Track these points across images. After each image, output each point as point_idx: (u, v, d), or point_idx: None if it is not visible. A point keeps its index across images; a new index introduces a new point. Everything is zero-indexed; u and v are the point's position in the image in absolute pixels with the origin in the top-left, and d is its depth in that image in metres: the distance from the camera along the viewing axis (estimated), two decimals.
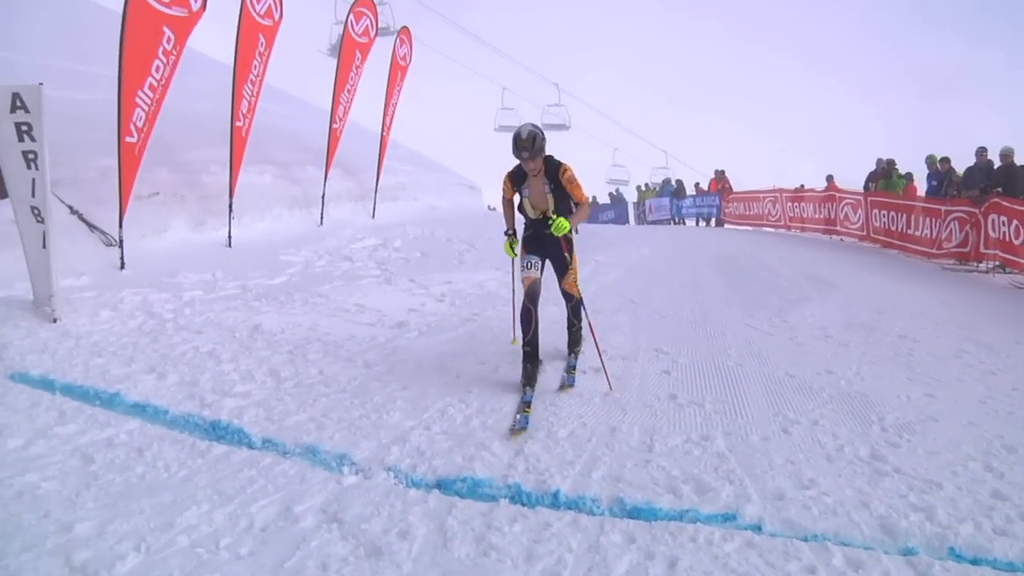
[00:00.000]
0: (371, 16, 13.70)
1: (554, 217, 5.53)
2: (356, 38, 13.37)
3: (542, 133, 5.53)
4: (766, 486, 4.20)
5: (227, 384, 5.34)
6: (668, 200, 27.02)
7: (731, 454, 4.63)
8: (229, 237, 10.27)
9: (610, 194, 32.32)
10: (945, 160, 15.83)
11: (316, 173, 13.27)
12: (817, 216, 20.04)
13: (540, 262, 5.83)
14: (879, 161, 18.41)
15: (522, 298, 5.67)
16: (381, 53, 14.45)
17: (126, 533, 3.33)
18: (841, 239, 18.84)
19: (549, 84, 32.07)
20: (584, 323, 6.13)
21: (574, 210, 5.74)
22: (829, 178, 20.11)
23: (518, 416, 5.00)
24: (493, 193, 23.23)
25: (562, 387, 5.70)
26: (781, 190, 21.85)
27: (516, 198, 5.96)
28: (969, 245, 13.95)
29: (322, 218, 12.80)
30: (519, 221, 6.01)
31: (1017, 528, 3.89)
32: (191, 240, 10.04)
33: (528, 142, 5.40)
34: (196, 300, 7.46)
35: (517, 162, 5.64)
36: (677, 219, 26.69)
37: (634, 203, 30.15)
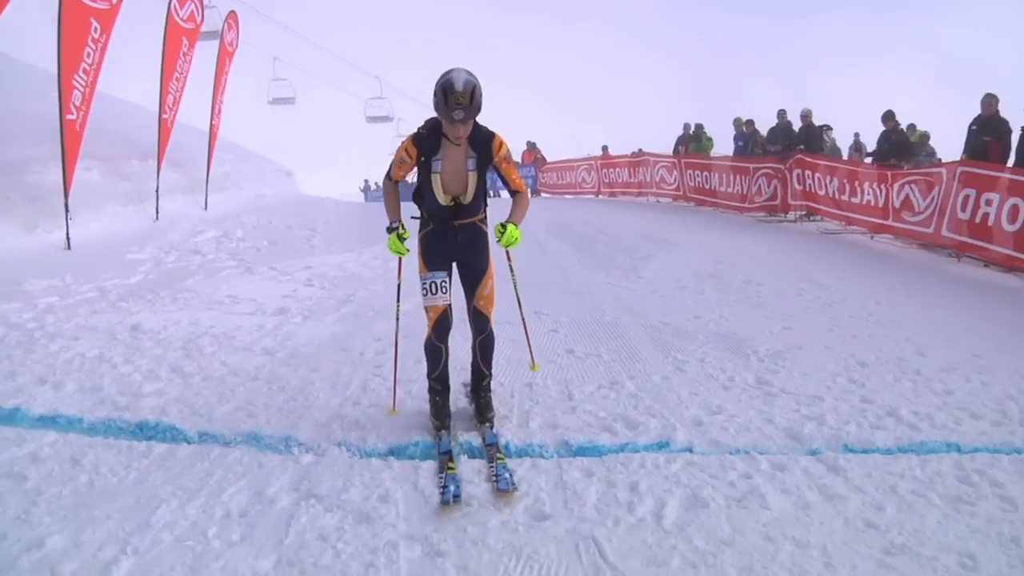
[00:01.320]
0: (196, 1, 13.14)
1: (501, 224, 4.41)
2: (181, 23, 12.76)
3: (480, 85, 4.03)
4: (683, 415, 4.88)
5: (133, 386, 5.24)
6: None
7: (642, 394, 5.29)
8: (68, 239, 9.66)
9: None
10: (750, 122, 17.72)
11: (142, 167, 12.79)
12: (632, 180, 21.64)
13: (448, 278, 4.46)
14: (686, 126, 20.14)
15: (427, 330, 4.54)
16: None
17: (104, 539, 3.34)
18: (657, 200, 20.50)
19: (371, 77, 32.39)
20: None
21: (514, 203, 4.59)
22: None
23: (443, 479, 3.91)
24: (308, 179, 22.98)
25: (500, 493, 3.80)
26: (596, 158, 23.30)
27: (410, 176, 4.58)
28: (778, 198, 15.77)
29: (157, 213, 12.30)
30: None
31: (888, 423, 4.84)
32: (26, 245, 9.36)
33: (466, 96, 3.93)
34: (55, 307, 7.09)
35: (427, 122, 4.34)
36: (493, 192, 27.59)
37: None
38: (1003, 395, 5.38)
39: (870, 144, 14.76)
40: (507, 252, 4.64)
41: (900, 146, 13.07)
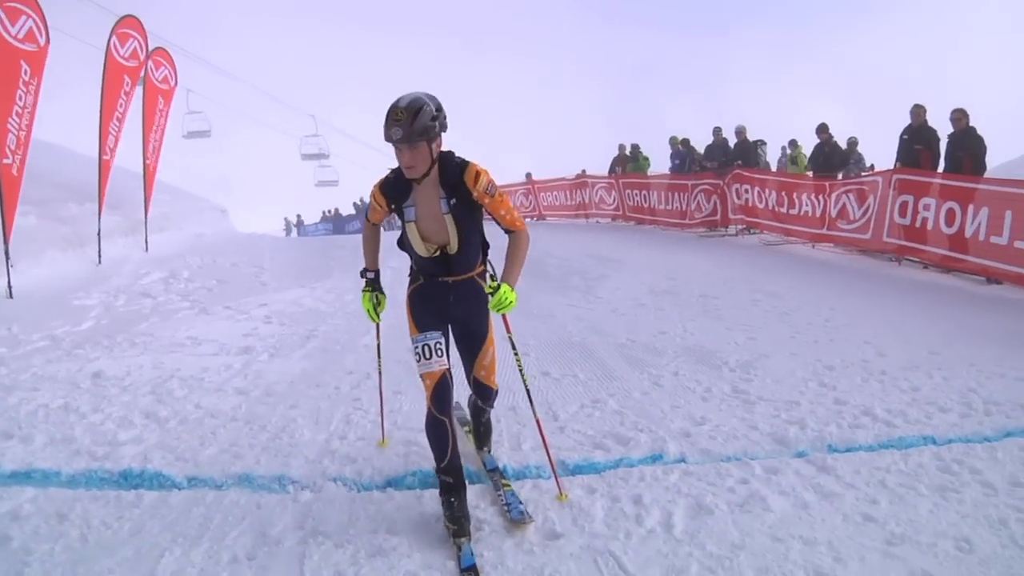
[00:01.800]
0: (139, 38, 12.91)
1: (492, 284, 3.73)
2: (123, 62, 12.50)
3: (434, 105, 3.49)
4: (671, 428, 5.04)
5: (107, 434, 5.13)
6: None
7: (626, 410, 5.43)
8: (9, 287, 9.36)
9: (354, 203, 32.93)
10: (685, 140, 18.23)
11: (79, 210, 12.53)
12: (570, 202, 22.00)
13: (443, 339, 3.83)
14: (621, 147, 20.58)
15: (425, 403, 3.84)
16: None
17: None
18: (597, 221, 20.87)
19: (305, 115, 32.51)
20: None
21: (508, 248, 3.83)
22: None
23: None
24: (243, 216, 22.76)
25: (515, 523, 3.78)
26: (532, 181, 23.60)
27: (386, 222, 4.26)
28: (718, 213, 16.24)
29: (100, 256, 12.02)
30: (389, 262, 4.80)
31: (865, 421, 5.09)
32: None
33: (407, 113, 3.38)
34: (6, 358, 6.87)
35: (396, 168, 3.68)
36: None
37: None
38: (964, 388, 5.70)
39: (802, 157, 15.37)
40: (504, 319, 4.00)
41: (833, 158, 13.63)
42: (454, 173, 3.62)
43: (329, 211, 36.31)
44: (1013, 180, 9.83)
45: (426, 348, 3.78)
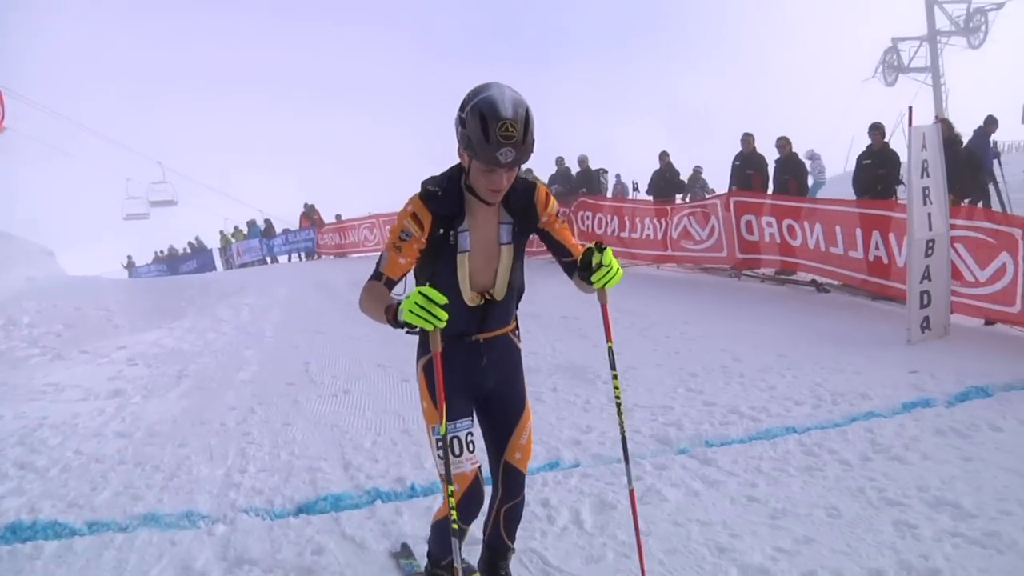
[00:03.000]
0: None
1: (594, 251, 2.80)
2: None
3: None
4: (561, 438, 5.47)
5: None
6: (258, 241, 27.63)
7: None
8: None
9: (190, 243, 32.08)
10: (529, 170, 18.95)
11: None
12: None
13: (473, 427, 3.00)
14: None
15: (442, 507, 3.12)
16: None
17: None
18: None
19: (152, 162, 31.50)
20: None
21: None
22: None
23: None
24: (69, 257, 21.66)
25: None
26: (378, 215, 23.73)
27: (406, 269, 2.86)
28: None
29: None
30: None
31: (733, 419, 5.72)
32: None
33: (519, 126, 2.54)
34: None
35: (436, 177, 2.85)
36: (270, 258, 27.43)
37: (219, 248, 30.39)
38: (813, 384, 6.47)
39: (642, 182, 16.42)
40: (605, 314, 3.09)
41: (673, 183, 14.69)
42: (522, 194, 2.85)
43: (162, 252, 34.93)
44: (839, 200, 11.24)
45: (456, 442, 2.87)
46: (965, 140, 12.78)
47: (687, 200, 14.90)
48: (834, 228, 10.44)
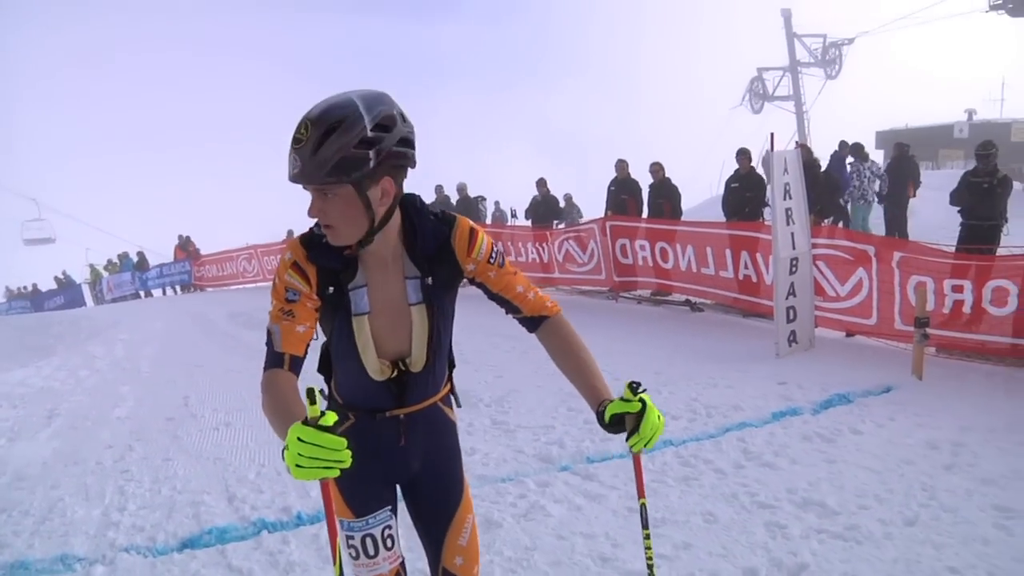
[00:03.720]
0: None
1: (630, 396, 2.07)
2: None
3: (373, 114, 1.88)
4: None
5: None
6: (130, 274, 26.60)
7: None
8: None
9: (56, 278, 30.52)
10: (479, 198, 19.11)
11: None
12: None
13: (393, 519, 2.35)
14: None
15: None
16: None
17: None
18: None
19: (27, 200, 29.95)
20: None
21: (562, 347, 2.41)
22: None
23: None
24: None
25: None
26: (255, 246, 23.21)
27: (306, 335, 2.09)
28: None
29: None
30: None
31: (609, 437, 5.88)
32: None
33: (310, 129, 1.86)
34: None
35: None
36: (144, 292, 26.42)
37: (87, 283, 29.08)
38: (688, 399, 6.75)
39: (520, 209, 16.76)
40: (638, 467, 2.26)
41: (551, 210, 15.03)
42: (434, 235, 2.15)
43: (25, 288, 32.78)
44: (709, 222, 11.78)
45: (368, 540, 2.27)
46: (824, 164, 13.71)
47: (563, 226, 15.26)
48: (705, 250, 10.92)
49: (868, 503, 4.52)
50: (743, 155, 11.84)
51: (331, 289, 2.07)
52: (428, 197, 17.80)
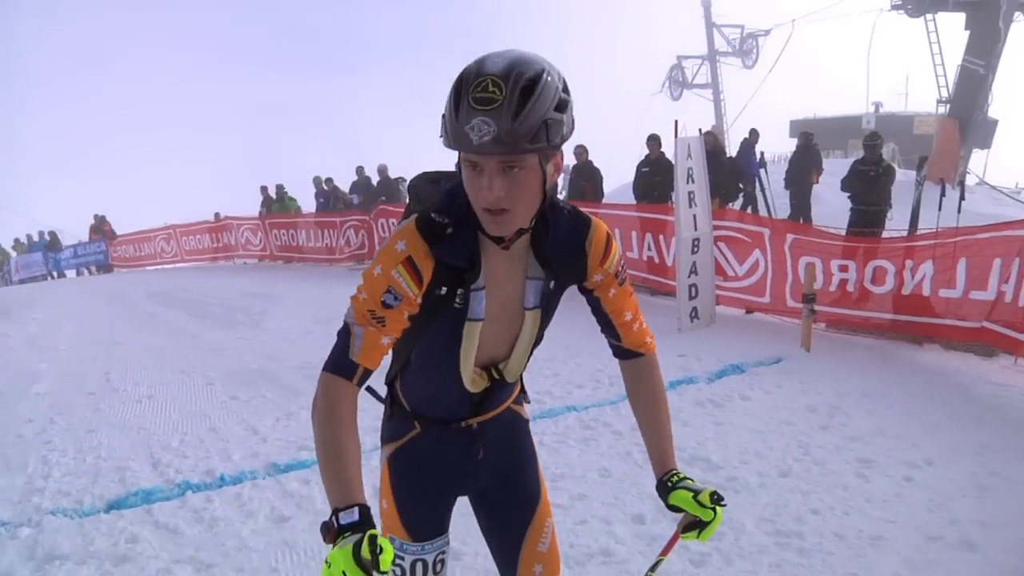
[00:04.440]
0: None
1: (707, 502, 1.82)
2: None
3: (558, 77, 1.56)
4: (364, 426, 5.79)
5: None
6: (41, 254, 25.78)
7: None
8: None
9: None
10: (329, 179, 19.08)
11: None
12: (216, 245, 21.73)
13: (447, 545, 2.10)
14: (263, 189, 20.77)
15: None
16: None
17: None
18: (244, 262, 20.90)
19: None
20: None
21: (642, 392, 2.11)
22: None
23: None
24: None
25: None
26: (174, 226, 22.86)
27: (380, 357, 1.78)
28: (366, 247, 17.26)
29: None
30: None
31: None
32: None
33: (504, 86, 1.47)
34: None
35: (437, 202, 1.76)
36: (56, 273, 25.68)
37: None
38: (593, 369, 7.16)
39: None
40: (668, 546, 1.98)
41: None
42: (569, 234, 1.81)
43: None
44: (621, 204, 12.30)
45: (420, 565, 2.03)
46: (736, 149, 14.25)
47: None
48: (616, 231, 11.35)
49: (748, 459, 5.01)
50: (653, 141, 12.20)
51: (444, 290, 1.72)
52: (349, 177, 18.00)
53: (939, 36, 24.41)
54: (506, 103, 1.45)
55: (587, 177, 12.91)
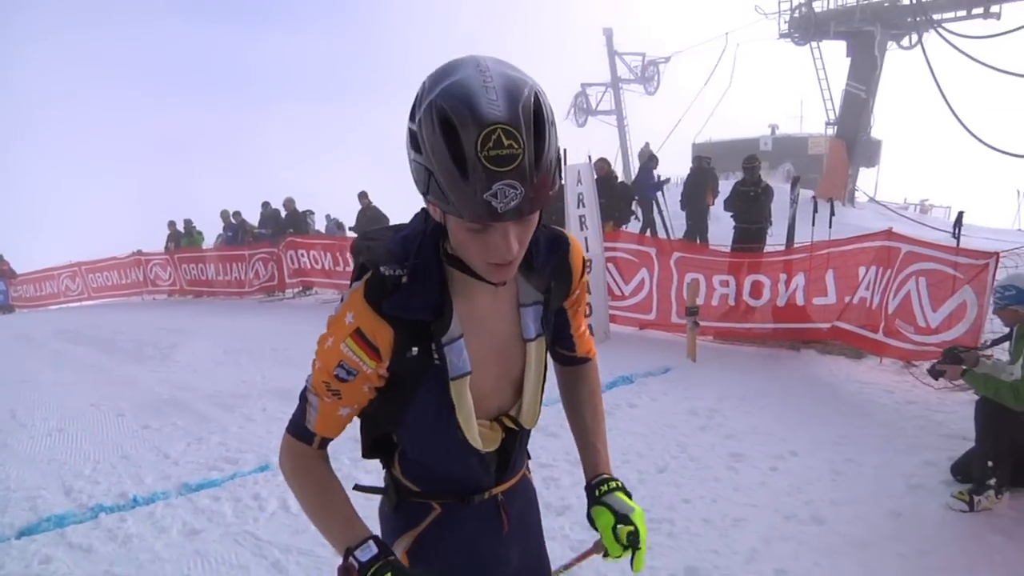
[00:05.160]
0: None
1: (620, 537, 1.63)
2: None
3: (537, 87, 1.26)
4: (271, 446, 6.01)
5: None
6: None
7: (228, 441, 6.29)
8: None
9: None
10: (237, 213, 19.10)
11: None
12: (126, 281, 21.30)
13: None
14: (171, 223, 20.58)
15: None
16: None
17: None
18: (153, 298, 20.58)
19: None
20: None
21: (579, 395, 1.93)
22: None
23: None
24: None
25: None
26: (80, 263, 22.28)
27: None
28: (275, 279, 17.32)
29: None
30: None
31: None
32: None
33: (522, 132, 1.19)
34: None
35: (388, 246, 1.51)
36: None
37: None
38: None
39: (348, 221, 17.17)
40: (577, 560, 1.86)
41: (375, 220, 15.52)
42: (553, 252, 1.64)
43: None
44: None
45: None
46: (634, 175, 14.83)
47: None
48: None
49: (630, 458, 5.48)
50: None
51: (415, 351, 1.49)
52: (255, 210, 18.04)
53: (824, 63, 26.04)
54: (525, 155, 1.20)
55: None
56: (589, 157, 10.45)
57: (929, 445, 5.57)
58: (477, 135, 1.17)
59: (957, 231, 8.83)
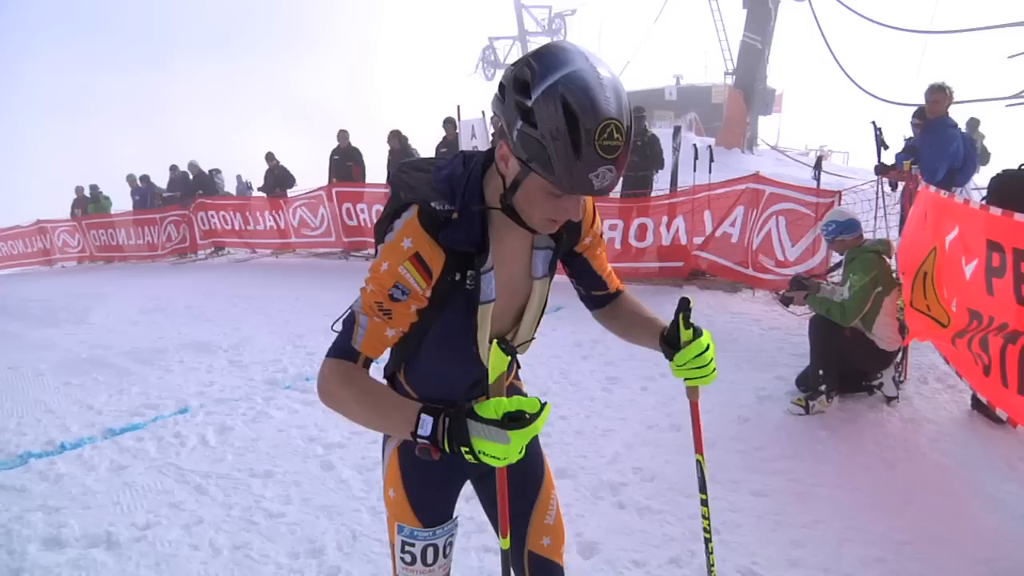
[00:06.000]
0: None
1: (682, 324, 2.06)
2: None
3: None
4: (188, 391, 6.46)
5: None
6: None
7: (149, 390, 6.65)
8: None
9: None
10: (144, 177, 18.91)
11: None
12: (31, 250, 20.89)
13: (456, 528, 2.11)
14: (78, 189, 20.21)
15: None
16: None
17: None
18: (62, 265, 20.26)
19: None
20: None
21: (629, 309, 2.25)
22: None
23: None
24: None
25: None
26: None
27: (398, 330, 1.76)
28: (187, 240, 17.34)
29: None
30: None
31: None
32: None
33: (624, 128, 1.48)
34: None
35: (433, 184, 1.73)
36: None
37: None
38: None
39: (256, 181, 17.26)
40: (694, 410, 2.24)
41: (282, 179, 15.69)
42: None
43: None
44: None
45: (431, 550, 2.04)
46: None
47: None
48: None
49: None
50: (448, 123, 13.15)
51: (457, 275, 1.71)
52: (163, 174, 17.92)
53: (722, 15, 26.91)
54: (623, 147, 1.48)
55: (350, 157, 14.04)
56: (483, 112, 10.91)
57: (782, 363, 6.39)
58: (596, 125, 1.42)
59: (817, 173, 9.79)
